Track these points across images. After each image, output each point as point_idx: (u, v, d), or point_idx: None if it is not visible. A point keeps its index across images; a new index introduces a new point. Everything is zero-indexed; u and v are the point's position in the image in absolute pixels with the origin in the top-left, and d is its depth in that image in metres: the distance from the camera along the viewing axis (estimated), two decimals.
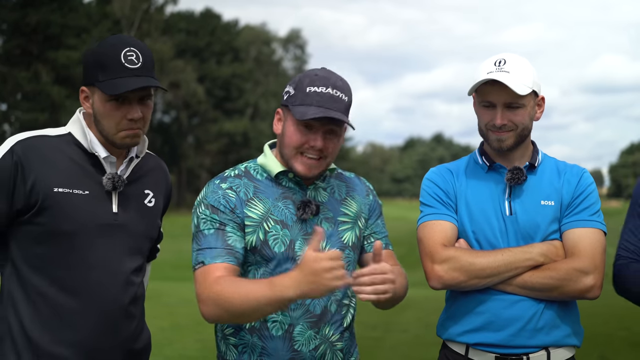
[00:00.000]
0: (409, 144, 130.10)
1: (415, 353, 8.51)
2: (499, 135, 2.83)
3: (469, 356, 2.84)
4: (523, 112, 2.82)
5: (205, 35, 66.69)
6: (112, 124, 2.62)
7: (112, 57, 2.59)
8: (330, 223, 2.71)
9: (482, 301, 2.81)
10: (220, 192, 2.66)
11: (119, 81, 2.56)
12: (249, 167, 2.76)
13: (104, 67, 2.58)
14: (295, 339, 2.63)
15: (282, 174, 2.70)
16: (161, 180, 2.89)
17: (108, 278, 2.63)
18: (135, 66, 2.60)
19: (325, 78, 2.64)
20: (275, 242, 2.63)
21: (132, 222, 2.70)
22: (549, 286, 2.75)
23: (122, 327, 2.69)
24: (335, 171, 2.85)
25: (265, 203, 2.66)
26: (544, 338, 2.79)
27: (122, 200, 2.68)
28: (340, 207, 2.76)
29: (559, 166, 2.95)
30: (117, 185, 2.65)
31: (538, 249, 2.78)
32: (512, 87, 2.75)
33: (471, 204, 2.87)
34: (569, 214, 2.84)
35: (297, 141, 2.63)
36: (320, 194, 2.74)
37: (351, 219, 2.76)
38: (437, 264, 2.78)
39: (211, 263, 2.56)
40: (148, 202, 2.78)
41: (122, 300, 2.66)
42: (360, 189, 2.85)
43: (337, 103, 2.61)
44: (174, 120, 67.93)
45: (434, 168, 3.03)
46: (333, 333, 2.68)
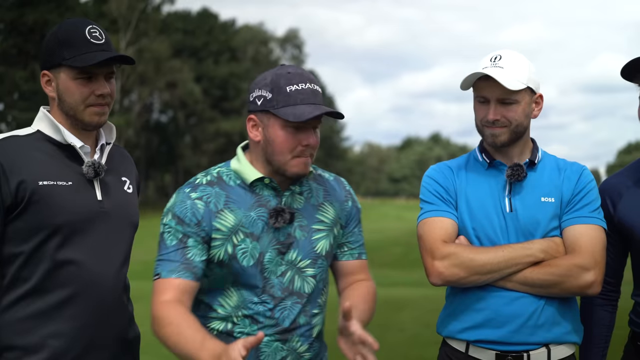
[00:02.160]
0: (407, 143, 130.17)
1: (413, 352, 8.50)
2: (492, 130, 2.84)
3: (469, 353, 2.84)
4: (517, 108, 2.82)
5: (202, 35, 66.69)
6: (79, 101, 2.62)
7: (77, 35, 2.61)
8: (304, 231, 2.62)
9: (482, 298, 2.81)
10: (188, 202, 2.55)
11: (89, 55, 2.59)
12: (221, 172, 2.65)
13: (69, 45, 2.59)
14: (262, 350, 2.56)
15: (258, 181, 2.60)
16: (131, 168, 2.89)
17: (101, 267, 2.61)
18: (101, 42, 2.64)
19: (300, 74, 2.56)
20: (244, 256, 2.56)
21: (117, 208, 2.69)
22: (549, 282, 2.75)
23: (116, 316, 2.68)
24: (313, 173, 2.75)
25: (237, 214, 2.57)
26: (545, 335, 2.79)
27: (104, 188, 2.67)
28: (316, 213, 2.66)
29: (559, 163, 2.95)
30: (99, 172, 2.64)
31: (538, 245, 2.78)
32: (502, 82, 2.76)
33: (471, 200, 2.87)
34: (569, 211, 2.84)
35: (291, 144, 2.54)
36: (296, 200, 2.65)
37: (327, 226, 2.67)
38: (438, 260, 2.78)
39: (166, 277, 2.51)
40: (127, 188, 2.78)
41: (116, 289, 2.66)
42: (339, 194, 2.74)
43: (318, 96, 2.57)
44: (171, 119, 67.94)
45: (434, 165, 3.03)
46: (301, 345, 2.63)
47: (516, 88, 2.78)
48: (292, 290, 2.60)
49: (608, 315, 2.99)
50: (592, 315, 2.97)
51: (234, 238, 2.56)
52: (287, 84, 2.53)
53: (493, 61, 2.83)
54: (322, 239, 2.66)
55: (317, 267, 2.64)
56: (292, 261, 2.61)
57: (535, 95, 2.88)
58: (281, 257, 2.60)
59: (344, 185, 2.80)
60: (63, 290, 2.56)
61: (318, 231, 2.66)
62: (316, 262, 2.64)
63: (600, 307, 2.98)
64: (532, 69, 2.87)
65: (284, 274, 2.60)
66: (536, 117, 2.92)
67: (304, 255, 2.62)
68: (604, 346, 2.98)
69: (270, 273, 2.58)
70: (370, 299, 2.69)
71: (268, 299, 2.58)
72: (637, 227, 2.85)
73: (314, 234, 2.65)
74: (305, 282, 2.63)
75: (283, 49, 78.39)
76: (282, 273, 2.60)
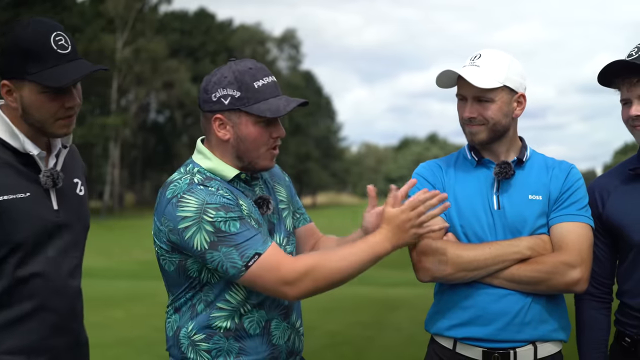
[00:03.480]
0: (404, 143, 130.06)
1: (408, 351, 8.53)
2: (470, 128, 2.87)
3: (457, 350, 2.86)
4: (494, 107, 2.84)
5: (199, 35, 66.64)
6: (48, 115, 2.47)
7: (43, 45, 2.40)
8: (276, 213, 2.72)
9: (469, 295, 2.82)
10: (217, 193, 2.52)
11: (58, 70, 2.41)
12: (201, 171, 2.60)
13: (35, 57, 2.39)
14: (273, 333, 2.63)
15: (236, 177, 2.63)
16: (79, 163, 2.77)
17: (59, 279, 2.55)
18: (67, 51, 2.45)
19: (261, 68, 2.60)
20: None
21: (73, 217, 2.61)
22: (535, 279, 2.77)
23: (73, 325, 2.63)
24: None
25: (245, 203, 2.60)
26: (531, 332, 2.81)
27: (59, 197, 2.56)
28: (276, 195, 2.77)
29: (547, 162, 2.96)
30: (57, 182, 2.52)
31: (525, 243, 2.80)
32: (470, 80, 2.78)
33: (459, 198, 2.89)
34: (557, 209, 2.86)
35: (265, 139, 2.59)
36: (262, 189, 2.74)
37: (286, 204, 2.79)
38: (425, 256, 2.79)
39: (266, 249, 2.47)
40: (79, 191, 2.68)
41: (73, 299, 2.61)
42: (277, 172, 2.86)
43: (279, 87, 2.62)
44: (168, 119, 67.89)
45: (423, 163, 3.05)
46: (297, 319, 2.74)
47: (487, 86, 2.80)
48: None
49: (606, 319, 2.99)
50: (590, 319, 2.97)
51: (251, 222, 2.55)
52: (253, 80, 2.56)
53: (472, 60, 2.87)
54: (288, 217, 2.77)
55: (291, 243, 2.74)
56: (279, 243, 2.68)
57: (516, 95, 2.89)
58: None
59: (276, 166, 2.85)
60: (24, 304, 2.48)
61: (283, 210, 2.76)
62: (289, 239, 2.73)
63: (596, 311, 2.98)
64: (514, 69, 2.87)
65: None
66: (518, 116, 2.93)
67: (284, 234, 2.71)
68: (604, 350, 2.98)
69: None
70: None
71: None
72: (625, 226, 2.87)
73: (282, 213, 2.74)
74: None
75: (280, 49, 78.40)
76: None
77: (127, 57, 56.09)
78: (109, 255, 25.49)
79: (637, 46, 2.86)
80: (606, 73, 2.88)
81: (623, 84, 2.87)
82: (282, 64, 78.28)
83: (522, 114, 2.93)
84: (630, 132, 2.92)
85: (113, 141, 56.10)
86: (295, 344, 2.72)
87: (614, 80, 2.90)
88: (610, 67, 2.86)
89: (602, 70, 2.87)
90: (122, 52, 55.91)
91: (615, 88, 2.92)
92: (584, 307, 2.99)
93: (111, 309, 11.76)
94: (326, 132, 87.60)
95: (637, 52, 2.83)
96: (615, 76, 2.89)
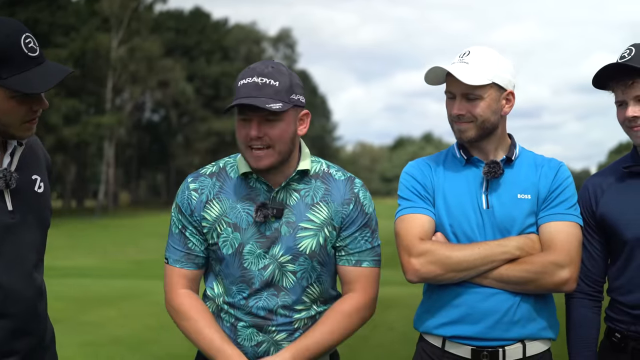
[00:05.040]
0: (399, 143, 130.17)
1: (403, 351, 8.52)
2: (459, 125, 2.87)
3: (446, 349, 2.86)
4: (482, 104, 2.83)
5: (194, 34, 66.57)
6: (16, 119, 2.41)
7: (13, 48, 2.33)
8: (290, 228, 2.68)
9: (458, 294, 2.82)
10: (186, 192, 2.75)
11: (29, 75, 2.34)
12: (227, 162, 2.79)
13: (5, 61, 2.31)
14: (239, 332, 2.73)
15: (250, 174, 2.71)
16: (41, 158, 2.66)
17: (15, 280, 2.45)
18: (36, 54, 2.38)
19: (252, 69, 2.64)
20: (224, 245, 2.70)
21: (29, 216, 2.51)
22: (524, 279, 2.77)
23: (33, 328, 2.54)
24: (323, 171, 2.79)
25: (224, 204, 2.71)
26: (520, 331, 2.82)
27: (14, 196, 2.47)
28: (307, 212, 2.70)
29: (536, 160, 2.96)
30: (10, 183, 2.43)
31: (514, 243, 2.80)
32: (459, 77, 2.79)
33: (448, 197, 2.89)
34: (546, 208, 2.86)
35: (240, 136, 2.65)
36: (291, 196, 2.71)
37: (315, 225, 2.70)
38: (414, 257, 2.79)
39: (173, 266, 2.77)
40: (38, 188, 2.57)
41: (31, 300, 2.51)
42: (340, 195, 2.74)
43: (264, 89, 2.59)
44: (163, 119, 67.80)
45: (412, 162, 3.04)
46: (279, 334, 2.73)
47: (475, 83, 2.80)
48: (271, 283, 2.69)
49: (596, 317, 3.00)
50: (581, 318, 2.98)
51: (218, 227, 2.71)
52: (240, 78, 2.64)
53: (461, 57, 2.87)
54: (308, 238, 2.69)
55: (298, 264, 2.69)
56: (275, 256, 2.68)
57: (504, 92, 2.89)
58: (265, 250, 2.68)
59: (353, 188, 2.77)
60: None
61: (304, 229, 2.69)
62: (297, 260, 2.69)
63: (588, 309, 2.99)
64: (502, 66, 2.87)
65: (266, 267, 2.69)
66: (507, 114, 2.92)
67: (286, 251, 2.68)
68: (594, 348, 2.99)
69: (251, 264, 2.69)
70: (336, 322, 2.73)
71: (245, 289, 2.70)
72: (619, 223, 2.88)
73: (300, 232, 2.69)
74: (285, 278, 2.70)
75: (275, 48, 78.34)
76: (264, 266, 2.69)
77: (122, 56, 55.97)
78: (103, 255, 25.45)
79: (629, 47, 2.87)
80: (600, 76, 2.90)
81: (617, 86, 2.88)
82: None
83: (510, 111, 2.92)
84: (626, 133, 2.93)
85: (108, 140, 55.97)
86: (270, 354, 2.72)
87: (608, 83, 2.91)
88: (604, 70, 2.88)
89: (597, 73, 2.89)
90: (117, 51, 55.79)
91: (609, 90, 2.93)
92: (575, 305, 2.99)
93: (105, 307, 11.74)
94: (321, 132, 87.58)
95: (630, 54, 2.85)
96: (609, 79, 2.90)
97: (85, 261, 22.56)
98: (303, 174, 2.74)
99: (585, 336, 2.98)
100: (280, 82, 2.62)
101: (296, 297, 2.72)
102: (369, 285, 2.79)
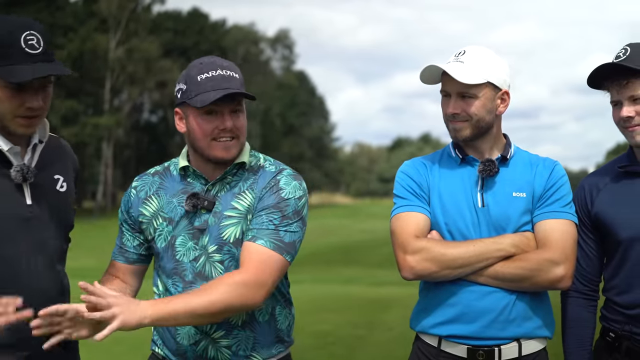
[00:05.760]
0: (397, 143, 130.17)
1: (401, 350, 8.54)
2: (454, 124, 2.88)
3: (442, 348, 2.87)
4: (477, 103, 2.85)
5: (192, 35, 66.56)
6: (7, 111, 2.50)
7: (11, 42, 2.45)
8: (216, 218, 2.70)
9: (454, 293, 2.83)
10: (128, 190, 2.87)
11: (21, 68, 2.44)
12: (172, 162, 2.88)
13: (2, 53, 2.45)
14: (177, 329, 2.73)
15: (187, 168, 2.77)
16: (68, 161, 2.80)
17: (33, 272, 2.55)
18: (37, 51, 2.48)
19: (211, 63, 2.69)
20: (159, 239, 2.77)
21: (48, 211, 2.62)
22: (519, 277, 2.78)
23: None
24: (258, 165, 2.79)
25: (160, 200, 2.78)
26: (516, 330, 2.83)
27: (34, 191, 2.59)
28: (232, 201, 2.71)
29: (531, 159, 2.97)
30: (28, 177, 2.55)
31: (509, 240, 2.81)
32: (454, 75, 2.80)
33: (444, 195, 2.90)
34: (541, 206, 2.87)
35: (206, 130, 2.66)
36: (224, 188, 2.74)
37: (239, 213, 2.69)
38: (409, 254, 2.80)
39: (112, 258, 2.92)
40: (60, 187, 2.70)
41: (50, 292, 2.59)
42: (264, 183, 2.73)
43: (231, 82, 2.65)
44: (161, 119, 67.77)
45: (408, 161, 3.06)
46: (215, 331, 2.70)
47: (470, 82, 2.81)
48: (203, 274, 2.70)
49: (592, 316, 3.01)
50: (576, 316, 3.00)
51: (154, 222, 2.78)
52: (199, 73, 2.66)
53: (456, 56, 2.88)
54: (231, 226, 2.70)
55: (223, 253, 2.70)
56: (205, 246, 2.70)
57: (500, 92, 2.90)
58: (195, 242, 2.71)
59: (277, 175, 2.73)
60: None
61: (229, 217, 2.71)
62: (222, 249, 2.70)
63: (583, 308, 3.00)
64: (497, 65, 2.89)
65: (197, 259, 2.71)
66: (501, 113, 2.94)
67: (212, 241, 2.70)
68: (589, 347, 3.00)
69: (183, 256, 2.72)
70: (215, 289, 2.53)
71: (178, 282, 2.72)
72: (614, 223, 2.89)
73: (224, 220, 2.71)
74: (213, 268, 2.71)
75: (274, 49, 78.36)
76: (195, 258, 2.71)
77: (120, 57, 55.96)
78: (101, 255, 25.44)
79: (625, 47, 2.89)
80: (595, 76, 2.91)
81: (612, 86, 2.89)
82: (276, 64, 78.28)
83: (505, 111, 2.94)
84: (622, 133, 2.94)
85: (106, 141, 55.96)
86: (209, 353, 2.70)
87: (603, 83, 2.92)
88: (599, 70, 2.89)
89: (592, 73, 2.90)
90: (115, 51, 55.78)
91: (605, 90, 2.94)
92: (570, 304, 3.01)
93: None
94: (319, 133, 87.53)
95: (625, 54, 2.86)
96: (604, 79, 2.91)
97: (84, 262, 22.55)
98: (239, 167, 2.76)
99: (580, 335, 2.99)
100: (239, 75, 2.72)
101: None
102: (262, 266, 2.57)
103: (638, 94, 2.84)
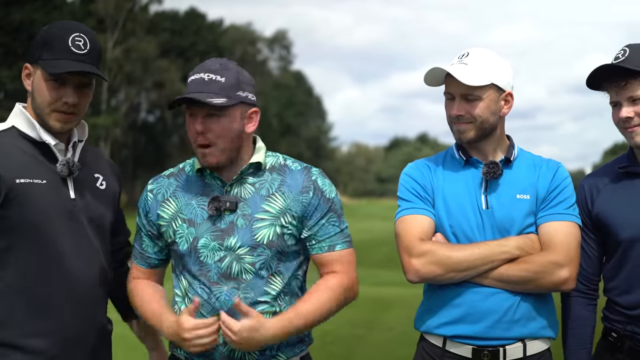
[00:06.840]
0: (394, 143, 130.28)
1: (401, 350, 8.54)
2: (458, 126, 2.88)
3: (447, 348, 2.88)
4: (481, 105, 2.85)
5: (189, 35, 66.54)
6: (45, 103, 2.63)
7: (60, 39, 2.63)
8: (246, 220, 2.70)
9: (459, 294, 2.84)
10: (144, 194, 2.86)
11: (61, 62, 2.59)
12: (187, 163, 2.87)
13: (49, 47, 2.62)
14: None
15: (204, 170, 2.76)
16: (104, 164, 2.92)
17: (78, 264, 2.64)
18: (81, 52, 2.64)
19: (202, 66, 2.71)
20: (181, 241, 2.74)
21: (91, 205, 2.73)
22: (524, 279, 2.79)
23: (96, 311, 2.72)
24: (279, 163, 2.81)
25: (179, 202, 2.77)
26: (520, 330, 2.83)
27: (77, 186, 2.70)
28: (263, 203, 2.72)
29: (534, 160, 2.98)
30: (73, 170, 2.66)
31: (514, 242, 2.82)
32: (459, 77, 2.81)
33: (448, 198, 2.90)
34: (545, 208, 2.88)
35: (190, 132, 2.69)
36: (246, 189, 2.74)
37: (272, 215, 2.71)
38: (415, 257, 2.81)
39: (133, 262, 2.93)
40: (100, 185, 2.81)
41: (94, 284, 2.69)
42: (297, 185, 2.74)
43: (210, 85, 2.65)
44: (158, 119, 67.75)
45: (411, 163, 3.06)
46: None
47: (475, 84, 2.82)
48: (229, 275, 2.69)
49: (592, 315, 3.03)
50: (577, 316, 3.01)
51: (174, 224, 2.77)
52: (189, 75, 2.71)
53: (460, 58, 2.89)
54: (264, 228, 2.70)
55: (256, 255, 2.69)
56: (231, 248, 2.69)
57: (503, 93, 2.90)
58: (220, 242, 2.70)
59: (310, 176, 2.78)
60: (39, 288, 2.57)
61: (261, 220, 2.71)
62: (255, 250, 2.69)
63: (583, 308, 3.01)
64: (501, 67, 2.89)
65: (222, 259, 2.70)
66: (505, 115, 2.94)
67: (243, 242, 2.69)
68: (590, 346, 3.02)
69: (207, 257, 2.71)
70: (320, 294, 2.71)
71: (205, 283, 2.70)
72: (614, 223, 2.91)
73: (256, 223, 2.70)
74: (243, 269, 2.69)
75: (271, 49, 78.38)
76: (220, 259, 2.70)
77: (118, 57, 55.92)
78: None
79: (624, 48, 2.89)
80: (594, 77, 2.91)
81: (611, 87, 2.90)
82: (273, 64, 78.29)
83: (509, 112, 2.94)
84: (621, 133, 2.96)
85: (103, 141, 55.91)
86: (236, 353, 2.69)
87: (602, 84, 2.93)
88: (598, 71, 2.89)
89: (590, 74, 2.90)
90: (113, 51, 55.74)
91: (604, 91, 2.95)
92: (571, 304, 3.02)
93: None
94: (317, 133, 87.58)
95: (624, 55, 2.86)
96: (603, 80, 2.92)
97: None
98: (257, 168, 2.77)
99: (580, 334, 3.01)
100: (226, 78, 2.67)
101: (258, 290, 2.70)
102: (349, 266, 2.78)
103: (637, 95, 2.86)
